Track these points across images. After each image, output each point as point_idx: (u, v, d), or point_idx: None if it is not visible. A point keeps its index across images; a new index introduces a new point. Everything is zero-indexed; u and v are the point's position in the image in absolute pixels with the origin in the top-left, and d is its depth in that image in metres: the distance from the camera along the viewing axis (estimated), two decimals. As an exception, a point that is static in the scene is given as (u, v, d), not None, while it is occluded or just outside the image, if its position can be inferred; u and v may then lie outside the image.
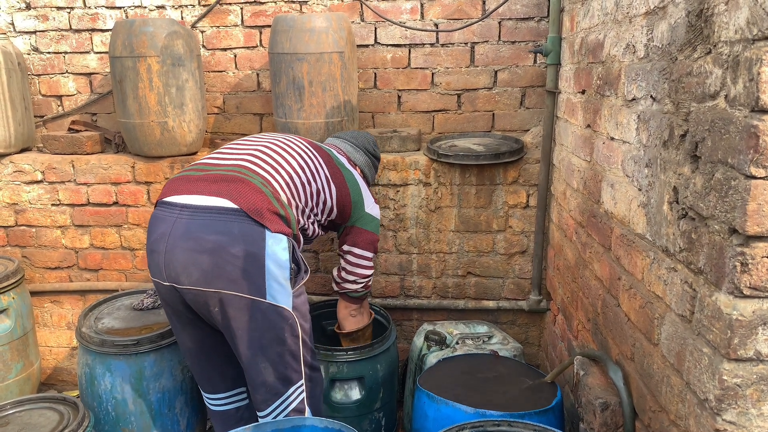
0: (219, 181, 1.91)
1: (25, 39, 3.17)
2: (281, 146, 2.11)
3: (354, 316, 2.44)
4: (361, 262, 2.31)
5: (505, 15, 2.93)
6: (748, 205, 1.05)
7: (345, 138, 2.49)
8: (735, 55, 1.08)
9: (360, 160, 2.44)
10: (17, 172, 3.04)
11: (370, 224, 2.30)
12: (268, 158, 2.03)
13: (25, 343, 2.90)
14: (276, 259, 1.85)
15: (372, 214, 2.31)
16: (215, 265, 1.80)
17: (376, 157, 2.52)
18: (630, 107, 1.68)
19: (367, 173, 2.48)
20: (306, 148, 2.17)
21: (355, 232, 2.29)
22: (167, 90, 2.79)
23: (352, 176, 2.26)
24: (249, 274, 1.82)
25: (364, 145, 2.48)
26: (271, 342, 1.90)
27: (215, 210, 1.83)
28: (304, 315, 1.99)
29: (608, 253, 1.87)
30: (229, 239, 1.80)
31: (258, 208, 1.85)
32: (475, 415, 1.84)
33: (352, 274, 2.32)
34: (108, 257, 3.13)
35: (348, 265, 2.31)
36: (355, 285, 2.33)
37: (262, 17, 3.04)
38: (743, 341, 1.10)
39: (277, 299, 1.88)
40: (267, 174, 1.97)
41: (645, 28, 1.57)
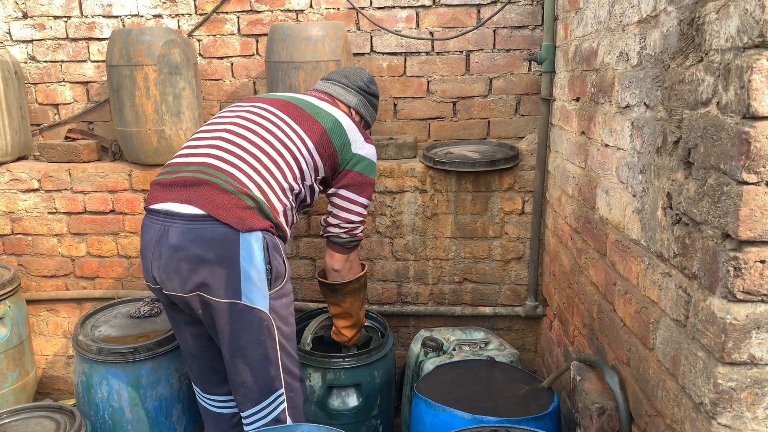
0: (188, 185, 1.88)
1: (22, 48, 3.18)
2: (245, 124, 2.01)
3: (337, 269, 2.27)
4: (345, 205, 2.15)
5: (500, 23, 2.95)
6: (741, 210, 1.06)
7: (334, 79, 2.31)
8: (726, 63, 1.10)
9: (353, 101, 2.27)
10: (14, 181, 3.04)
11: (358, 165, 2.13)
12: (233, 146, 1.95)
13: (21, 352, 2.89)
14: (250, 260, 1.83)
15: (360, 153, 2.13)
16: (192, 271, 1.83)
17: (372, 94, 2.34)
18: (624, 114, 1.70)
19: (363, 113, 2.31)
20: (272, 114, 2.05)
21: (342, 174, 2.13)
22: (164, 98, 2.80)
23: (333, 120, 2.10)
24: (224, 278, 1.82)
25: (356, 83, 2.30)
26: (248, 344, 1.89)
27: (187, 218, 1.83)
28: (283, 318, 1.94)
29: (603, 259, 1.88)
30: (202, 246, 1.81)
31: (226, 209, 1.82)
32: (473, 421, 1.84)
33: (336, 218, 2.17)
34: (104, 265, 3.13)
35: (333, 208, 2.18)
36: (338, 230, 2.18)
37: (258, 26, 3.06)
38: (737, 345, 1.11)
39: (253, 301, 1.85)
40: (232, 167, 1.90)
41: (638, 37, 1.59)
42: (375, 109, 2.38)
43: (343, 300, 2.36)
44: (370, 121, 2.38)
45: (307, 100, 2.15)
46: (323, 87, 2.30)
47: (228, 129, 2.01)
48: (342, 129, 2.09)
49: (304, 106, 2.10)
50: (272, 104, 2.09)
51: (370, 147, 2.17)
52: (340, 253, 2.24)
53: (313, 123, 2.06)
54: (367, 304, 3.04)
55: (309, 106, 2.11)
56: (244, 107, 2.11)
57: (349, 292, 2.35)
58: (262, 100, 2.14)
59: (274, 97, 2.17)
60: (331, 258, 2.25)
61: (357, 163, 2.13)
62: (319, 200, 2.81)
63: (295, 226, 2.15)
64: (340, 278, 2.29)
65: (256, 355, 1.90)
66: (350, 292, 2.35)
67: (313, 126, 2.05)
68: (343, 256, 2.25)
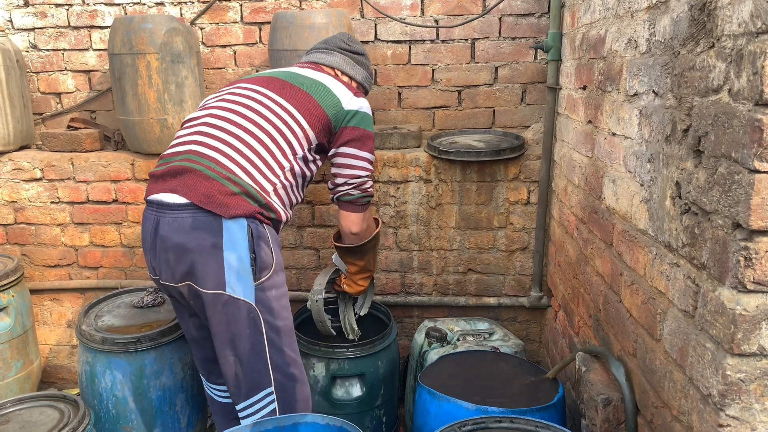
0: (174, 174, 1.86)
1: (24, 36, 3.16)
2: (227, 106, 1.98)
3: (355, 232, 2.18)
4: (349, 161, 2.08)
5: (506, 11, 2.92)
6: (752, 199, 1.04)
7: (315, 47, 2.29)
8: (739, 49, 1.08)
9: (335, 61, 2.21)
10: (16, 170, 3.03)
11: (353, 119, 2.05)
12: (216, 130, 1.92)
13: (24, 341, 2.89)
14: (233, 249, 1.79)
15: (352, 108, 2.05)
16: (178, 261, 1.82)
17: (354, 51, 2.27)
18: (632, 102, 1.67)
19: (350, 72, 2.23)
20: (254, 91, 2.01)
21: (339, 133, 2.05)
22: (166, 87, 2.79)
23: (316, 83, 2.05)
24: (209, 267, 1.79)
25: (335, 45, 2.25)
26: (235, 335, 1.85)
27: (174, 207, 1.82)
28: (272, 311, 1.87)
29: (610, 249, 1.87)
30: (187, 235, 1.79)
31: (208, 195, 1.79)
32: (477, 412, 1.83)
33: (341, 177, 2.10)
34: (108, 255, 3.12)
35: (337, 168, 2.10)
36: (346, 187, 2.10)
37: (261, 14, 3.03)
38: (747, 336, 1.10)
39: (237, 291, 1.81)
40: (215, 152, 1.86)
41: (647, 23, 1.56)
42: (365, 68, 2.29)
43: (361, 259, 2.32)
44: (362, 80, 2.28)
45: (289, 71, 2.12)
46: (306, 57, 2.28)
47: (211, 113, 1.98)
48: (327, 90, 2.04)
49: (286, 78, 2.06)
50: (254, 82, 2.06)
51: (361, 100, 2.08)
52: (355, 212, 2.14)
53: (296, 92, 2.01)
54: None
55: (292, 76, 2.07)
56: (226, 90, 2.08)
57: (367, 251, 2.31)
58: (244, 80, 2.11)
59: (256, 75, 2.14)
60: (347, 219, 2.16)
61: (351, 117, 2.04)
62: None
63: (298, 205, 2.10)
64: (359, 240, 2.21)
65: (244, 347, 1.86)
66: (368, 250, 2.31)
67: (297, 94, 2.00)
68: (358, 215, 2.15)
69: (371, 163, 2.13)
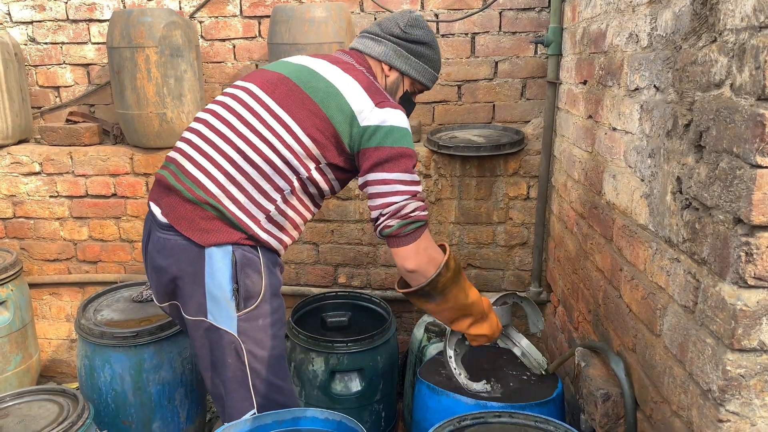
0: (162, 187, 1.76)
1: (22, 29, 3.15)
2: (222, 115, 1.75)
3: (411, 269, 1.72)
4: (378, 189, 1.68)
5: (506, 5, 2.90)
6: (754, 194, 1.04)
7: (367, 31, 1.91)
8: (741, 43, 1.07)
9: (384, 52, 1.84)
10: (15, 164, 3.02)
11: (374, 138, 1.67)
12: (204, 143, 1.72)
13: (23, 335, 2.89)
14: (214, 278, 1.67)
15: (372, 124, 1.67)
16: (159, 283, 1.80)
17: (412, 40, 1.85)
18: (633, 97, 1.67)
19: (400, 66, 1.86)
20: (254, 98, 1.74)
21: (360, 156, 1.70)
22: (165, 81, 2.77)
23: (330, 87, 1.71)
24: (189, 294, 1.72)
25: (388, 30, 1.85)
26: (218, 362, 1.76)
27: (160, 224, 1.75)
28: (257, 342, 1.73)
29: (610, 245, 1.86)
30: (167, 258, 1.72)
31: (188, 220, 1.67)
32: (476, 407, 1.83)
33: (373, 208, 1.71)
34: (107, 249, 3.12)
35: (369, 200, 1.74)
36: (383, 219, 1.69)
37: (261, 7, 3.02)
38: (747, 331, 1.10)
39: (218, 320, 1.70)
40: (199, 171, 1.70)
41: (648, 17, 1.56)
42: (424, 60, 1.89)
43: (444, 300, 1.80)
44: (418, 75, 1.89)
45: (309, 67, 1.78)
46: (354, 43, 1.92)
47: (204, 120, 1.77)
48: (341, 100, 1.69)
49: (300, 79, 1.74)
50: (260, 83, 1.77)
51: (386, 111, 1.68)
52: (404, 245, 1.70)
53: (303, 101, 1.70)
54: (370, 289, 3.03)
55: (306, 78, 1.75)
56: (230, 92, 1.82)
57: (444, 287, 1.77)
58: (253, 77, 1.83)
59: (269, 70, 1.84)
60: (398, 257, 1.73)
61: (372, 135, 1.67)
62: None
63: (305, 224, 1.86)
64: (424, 277, 1.74)
65: (225, 374, 1.76)
66: (445, 287, 1.77)
67: (303, 105, 1.70)
68: (408, 247, 1.70)
69: (410, 183, 1.69)
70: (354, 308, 2.75)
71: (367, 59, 1.87)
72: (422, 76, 1.91)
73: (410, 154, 1.70)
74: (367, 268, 3.04)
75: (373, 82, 1.77)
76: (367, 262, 3.03)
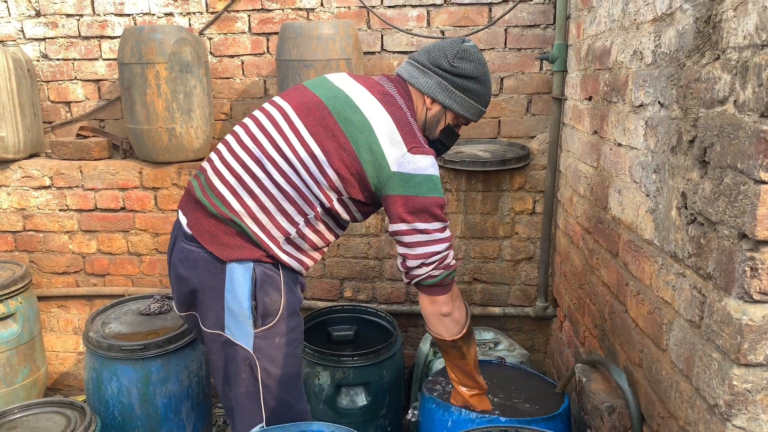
0: (190, 199, 1.80)
1: (35, 46, 3.20)
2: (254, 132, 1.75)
3: (445, 314, 1.76)
4: (416, 238, 1.67)
5: (511, 22, 2.94)
6: (758, 209, 1.05)
7: (414, 58, 1.83)
8: (744, 61, 1.09)
9: (428, 84, 1.77)
10: (26, 178, 3.06)
11: (404, 186, 1.64)
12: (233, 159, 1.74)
13: (32, 348, 2.90)
14: (233, 293, 1.69)
15: (405, 171, 1.63)
16: (180, 292, 1.83)
17: (460, 75, 1.76)
18: (638, 113, 1.68)
19: (445, 101, 1.78)
20: (287, 120, 1.72)
21: (388, 203, 1.68)
22: (175, 96, 2.81)
23: (364, 126, 1.66)
24: (209, 307, 1.75)
25: (435, 62, 1.77)
26: (231, 376, 1.78)
27: (184, 235, 1.78)
28: (273, 360, 1.73)
29: (615, 259, 1.87)
30: (189, 269, 1.76)
31: (212, 234, 1.70)
32: (482, 421, 1.83)
33: (412, 257, 1.69)
34: (115, 262, 3.14)
35: (404, 248, 1.71)
36: (426, 269, 1.69)
37: (269, 24, 3.06)
38: (753, 346, 1.10)
39: (235, 336, 1.73)
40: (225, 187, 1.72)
41: (652, 35, 1.58)
42: (471, 94, 1.80)
43: (468, 349, 1.85)
44: (463, 111, 1.81)
45: (348, 95, 1.73)
46: (401, 69, 1.86)
47: (237, 135, 1.79)
48: (374, 140, 1.65)
49: (334, 108, 1.70)
50: (296, 107, 1.74)
51: (419, 158, 1.65)
52: (444, 293, 1.73)
53: (334, 133, 1.68)
54: (376, 303, 3.04)
55: (342, 106, 1.70)
56: (266, 108, 1.81)
57: (469, 335, 1.84)
58: (291, 97, 1.79)
59: (311, 89, 1.79)
60: (437, 303, 1.74)
61: (400, 183, 1.65)
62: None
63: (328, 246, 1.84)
64: (456, 322, 1.78)
65: (238, 389, 1.78)
66: (469, 334, 1.84)
67: (334, 137, 1.67)
68: (446, 295, 1.74)
69: (445, 231, 1.70)
70: (360, 322, 2.75)
71: (410, 89, 1.81)
72: (467, 111, 1.82)
73: (443, 203, 1.69)
74: (373, 281, 3.05)
75: (410, 122, 1.73)
76: (373, 276, 3.04)
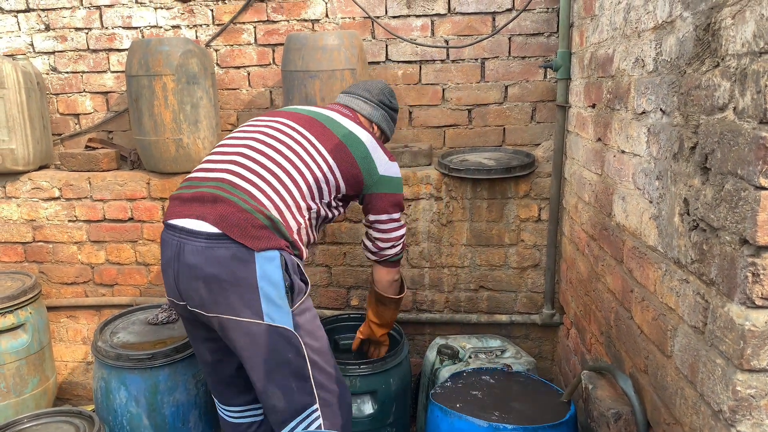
0: (205, 201, 1.87)
1: (44, 59, 3.25)
2: (266, 140, 2.00)
3: (396, 280, 2.35)
4: (391, 225, 2.20)
5: (515, 31, 2.95)
6: (759, 215, 1.05)
7: (356, 93, 2.31)
8: (742, 68, 1.10)
9: (376, 115, 2.28)
10: (35, 189, 3.09)
11: (388, 186, 2.15)
12: (252, 162, 1.94)
13: (41, 358, 2.93)
14: (268, 279, 1.81)
15: (388, 175, 2.15)
16: (209, 291, 1.83)
17: (393, 108, 2.35)
18: (640, 120, 1.69)
19: (384, 128, 2.33)
20: (295, 131, 2.03)
21: (374, 199, 2.15)
22: (182, 107, 2.84)
23: (357, 140, 2.08)
24: (243, 298, 1.81)
25: (379, 98, 2.30)
26: (276, 365, 1.86)
27: (203, 235, 1.82)
28: (310, 333, 1.92)
29: (620, 266, 1.87)
30: (218, 266, 1.80)
31: (241, 227, 1.80)
32: (489, 429, 1.83)
33: (388, 241, 2.21)
34: (123, 272, 3.17)
35: (380, 234, 2.20)
36: (395, 249, 2.24)
37: (275, 36, 3.10)
38: (756, 352, 1.10)
39: (275, 320, 1.83)
40: (249, 184, 1.89)
41: (654, 43, 1.59)
42: (394, 123, 2.40)
43: (398, 305, 2.43)
44: (390, 135, 2.39)
45: (330, 116, 2.13)
46: (345, 100, 2.29)
47: (248, 144, 1.99)
48: (365, 150, 2.08)
49: (327, 124, 2.08)
50: (295, 120, 2.07)
51: (394, 165, 2.19)
52: (397, 266, 2.32)
53: (337, 142, 2.04)
54: None
55: (333, 124, 2.09)
56: (265, 122, 2.09)
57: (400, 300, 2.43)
58: (284, 114, 2.12)
59: (297, 111, 2.15)
60: (390, 273, 2.30)
61: (386, 184, 2.14)
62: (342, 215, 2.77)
63: (314, 244, 2.14)
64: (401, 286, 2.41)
65: (287, 374, 1.87)
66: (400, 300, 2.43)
67: (337, 145, 2.03)
68: (398, 267, 2.33)
69: (402, 218, 2.28)
70: (366, 330, 2.75)
71: (359, 116, 2.25)
72: (391, 134, 2.40)
73: (403, 197, 2.24)
74: (380, 290, 3.05)
75: (375, 137, 2.17)
76: (379, 285, 3.04)
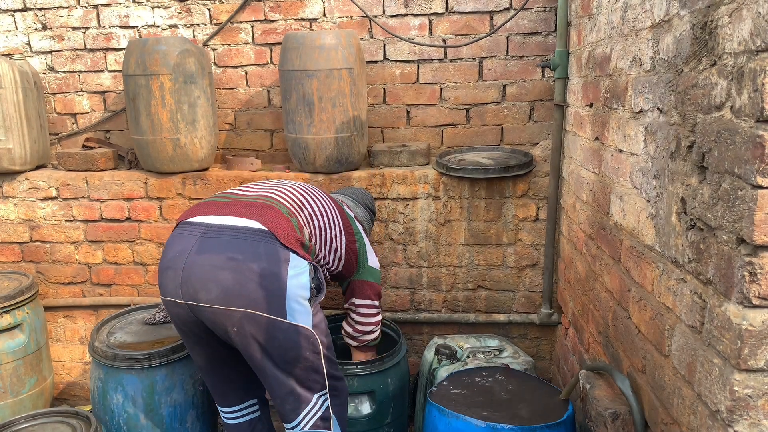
0: (250, 206, 1.98)
1: (41, 59, 3.24)
2: (302, 190, 2.19)
3: (372, 356, 2.52)
4: (372, 311, 2.40)
5: (513, 30, 2.95)
6: (756, 214, 1.05)
7: (346, 194, 2.62)
8: (739, 67, 1.09)
9: (360, 214, 2.54)
10: (32, 189, 3.09)
11: (373, 275, 2.40)
12: (293, 197, 2.12)
13: (38, 358, 2.92)
14: (298, 281, 1.90)
15: (374, 266, 2.41)
16: (236, 281, 1.83)
17: (373, 212, 2.67)
18: (637, 119, 1.69)
19: (366, 228, 2.56)
20: (323, 196, 2.26)
21: (361, 285, 2.38)
22: (179, 107, 2.84)
23: (359, 230, 2.37)
24: (270, 294, 1.86)
25: (364, 201, 2.62)
26: (294, 359, 1.94)
27: (243, 230, 1.89)
28: (323, 331, 2.04)
29: (618, 265, 1.87)
30: (253, 257, 1.85)
31: (286, 233, 1.92)
32: (486, 429, 1.83)
33: (368, 325, 2.41)
34: (120, 272, 3.16)
35: (362, 318, 2.40)
36: (373, 334, 2.43)
37: (272, 35, 3.09)
38: (753, 351, 1.10)
39: (297, 319, 1.91)
40: (293, 207, 2.06)
41: (651, 41, 1.58)
42: (371, 225, 2.70)
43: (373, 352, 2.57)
44: (369, 234, 2.62)
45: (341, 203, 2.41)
46: (339, 198, 2.53)
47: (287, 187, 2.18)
48: (363, 240, 2.37)
49: (342, 207, 2.34)
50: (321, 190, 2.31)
51: (377, 259, 2.46)
52: (372, 350, 2.51)
53: (348, 225, 2.29)
54: None
55: (344, 209, 2.35)
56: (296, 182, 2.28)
57: None
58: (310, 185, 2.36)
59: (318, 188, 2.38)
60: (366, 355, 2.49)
61: (372, 273, 2.39)
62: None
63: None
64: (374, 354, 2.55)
65: (302, 368, 1.96)
66: None
67: (348, 227, 2.28)
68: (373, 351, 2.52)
69: None
70: (364, 330, 2.75)
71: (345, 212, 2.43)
72: (369, 234, 2.61)
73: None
74: (378, 290, 3.05)
75: None
76: (377, 284, 3.04)
